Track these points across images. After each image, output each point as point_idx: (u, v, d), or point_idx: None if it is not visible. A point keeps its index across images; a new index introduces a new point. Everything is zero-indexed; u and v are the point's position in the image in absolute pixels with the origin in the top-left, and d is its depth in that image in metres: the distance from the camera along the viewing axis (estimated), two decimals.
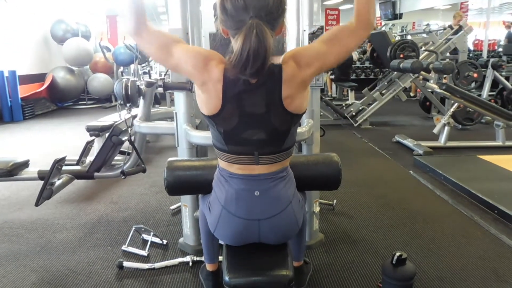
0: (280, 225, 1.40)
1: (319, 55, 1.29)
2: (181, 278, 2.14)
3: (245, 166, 1.35)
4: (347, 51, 1.34)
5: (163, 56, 1.30)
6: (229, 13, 1.21)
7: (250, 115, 1.28)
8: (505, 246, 2.46)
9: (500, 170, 3.75)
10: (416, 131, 5.69)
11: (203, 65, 1.25)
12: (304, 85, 1.30)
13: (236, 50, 1.17)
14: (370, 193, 3.34)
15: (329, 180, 1.62)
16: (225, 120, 1.29)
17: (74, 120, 7.27)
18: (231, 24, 1.23)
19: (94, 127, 4.13)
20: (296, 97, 1.28)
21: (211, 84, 1.25)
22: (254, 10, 1.17)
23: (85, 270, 2.23)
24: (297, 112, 1.31)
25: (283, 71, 1.25)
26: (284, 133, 1.33)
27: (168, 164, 1.62)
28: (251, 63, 1.15)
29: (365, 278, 2.13)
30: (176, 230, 2.65)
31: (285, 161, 1.39)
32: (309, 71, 1.28)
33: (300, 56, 1.28)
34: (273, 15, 1.21)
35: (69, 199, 3.23)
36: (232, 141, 1.33)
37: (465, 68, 5.51)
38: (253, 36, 1.14)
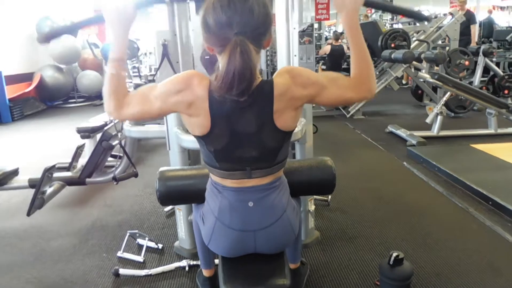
0: (276, 235, 1.38)
1: (317, 84, 1.25)
2: (179, 284, 2.13)
3: (237, 180, 1.32)
4: (343, 99, 1.31)
5: (147, 108, 1.24)
6: (211, 30, 1.15)
7: (240, 134, 1.24)
8: (500, 238, 2.47)
9: (493, 159, 3.76)
10: (409, 120, 5.69)
11: (185, 86, 1.20)
12: (294, 104, 1.24)
13: (221, 70, 1.12)
14: (364, 186, 3.34)
15: (324, 185, 1.61)
16: (215, 140, 1.26)
17: (65, 120, 7.18)
18: (215, 42, 1.17)
19: (85, 128, 4.07)
20: (287, 116, 1.24)
21: (198, 103, 1.20)
22: (238, 26, 1.11)
23: (81, 280, 2.20)
24: (288, 129, 1.27)
25: (274, 85, 1.20)
26: (276, 149, 1.30)
27: (160, 174, 1.59)
28: (236, 84, 1.10)
29: (362, 277, 2.13)
30: (171, 233, 2.63)
31: (278, 172, 1.37)
32: (303, 93, 1.23)
33: (297, 73, 1.24)
34: (259, 30, 1.15)
35: (62, 204, 3.19)
36: (223, 159, 1.30)
37: (457, 56, 5.51)
38: (238, 56, 1.08)
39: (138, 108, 1.25)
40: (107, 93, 1.25)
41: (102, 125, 4.15)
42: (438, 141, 4.59)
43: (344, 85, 1.27)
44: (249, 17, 1.12)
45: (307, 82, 1.23)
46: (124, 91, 1.26)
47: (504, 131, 4.81)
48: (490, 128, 4.81)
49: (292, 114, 1.25)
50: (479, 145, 4.18)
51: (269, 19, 1.18)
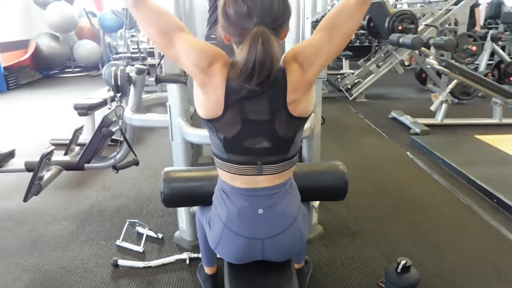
0: (285, 243, 1.33)
1: (321, 50, 1.20)
2: (179, 278, 2.09)
3: (247, 179, 1.26)
4: (348, 36, 1.24)
5: (163, 43, 1.18)
6: (231, 20, 1.12)
7: (253, 122, 1.19)
8: (504, 239, 2.44)
9: (497, 152, 3.71)
10: (412, 105, 5.61)
11: (206, 67, 1.15)
12: (310, 86, 1.22)
13: (241, 60, 1.08)
14: (367, 177, 3.29)
15: (335, 191, 1.54)
16: (225, 126, 1.20)
17: (61, 90, 7.05)
18: (234, 32, 1.14)
19: (82, 105, 4.00)
20: (301, 101, 1.20)
21: (211, 88, 1.16)
22: (258, 17, 1.09)
23: (79, 269, 2.17)
24: (303, 115, 1.23)
25: (287, 76, 1.16)
26: (289, 140, 1.25)
27: (165, 175, 1.52)
28: (256, 74, 1.08)
29: (365, 276, 2.10)
30: (171, 222, 2.59)
31: (289, 171, 1.31)
32: (313, 71, 1.19)
33: (302, 57, 1.18)
34: (279, 21, 1.13)
35: (59, 186, 3.13)
36: (233, 150, 1.24)
37: (464, 41, 5.36)
38: (259, 46, 1.06)
39: (153, 31, 1.18)
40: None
41: (100, 102, 4.07)
42: (442, 130, 4.52)
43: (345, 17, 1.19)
44: (270, 7, 1.10)
45: (313, 58, 1.19)
46: None
47: (509, 121, 4.74)
48: (495, 118, 4.74)
49: (306, 99, 1.22)
50: (483, 136, 4.12)
51: (288, 9, 1.16)
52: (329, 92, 6.24)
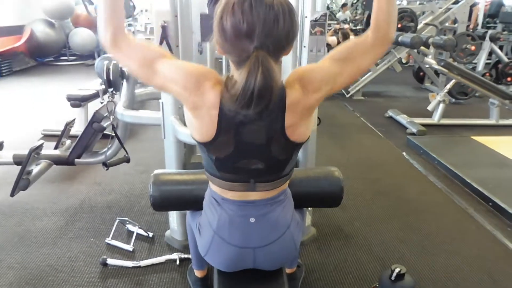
0: (277, 253, 1.29)
1: (330, 78, 1.11)
2: (169, 278, 2.05)
3: (240, 194, 1.21)
4: (360, 72, 1.18)
5: (146, 73, 1.09)
6: (228, 38, 1.00)
7: (247, 145, 1.12)
8: (499, 244, 2.42)
9: (493, 154, 3.69)
10: (409, 104, 5.57)
11: (195, 87, 1.05)
12: (310, 112, 1.13)
13: (237, 87, 0.98)
14: (362, 177, 3.25)
15: (330, 198, 1.50)
16: (218, 148, 1.13)
17: (56, 79, 6.96)
18: (231, 51, 1.03)
19: (75, 96, 3.93)
20: (300, 125, 1.12)
21: (204, 109, 1.07)
22: (259, 39, 0.97)
23: (66, 267, 2.12)
24: (301, 141, 1.15)
25: (286, 96, 1.07)
26: (284, 162, 1.19)
27: (154, 178, 1.47)
28: (254, 103, 0.98)
29: (359, 281, 2.06)
30: (163, 220, 2.54)
31: (284, 185, 1.26)
32: (317, 97, 1.11)
33: (308, 80, 1.10)
34: (282, 43, 1.01)
35: (49, 179, 3.06)
36: (224, 169, 1.18)
37: (463, 40, 5.32)
38: (259, 75, 0.95)
39: (135, 66, 1.09)
40: (102, 21, 1.06)
41: (93, 94, 4.00)
42: (438, 130, 4.49)
43: (361, 52, 1.13)
44: (273, 27, 0.98)
45: (319, 84, 1.10)
46: (121, 24, 1.08)
47: (505, 122, 4.73)
48: (492, 119, 4.72)
49: (305, 123, 1.14)
50: (480, 137, 4.09)
51: (294, 28, 1.04)
52: None
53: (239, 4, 0.97)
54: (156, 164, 3.24)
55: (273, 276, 1.35)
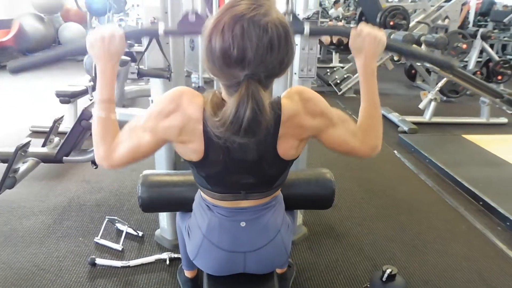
0: (268, 257, 1.27)
1: (327, 118, 1.09)
2: (158, 279, 2.03)
3: (231, 203, 1.19)
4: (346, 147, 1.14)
5: (137, 146, 1.07)
6: (217, 64, 0.92)
7: (238, 161, 1.09)
8: (489, 243, 2.43)
9: (484, 153, 3.70)
10: (400, 102, 5.57)
11: (175, 107, 1.01)
12: (300, 134, 1.08)
13: (227, 114, 0.90)
14: (353, 176, 3.25)
15: (321, 200, 1.48)
16: (207, 167, 1.11)
17: (45, 74, 6.84)
18: (219, 76, 0.97)
19: (64, 92, 3.86)
20: (290, 141, 1.08)
21: (191, 125, 1.02)
22: (250, 66, 0.89)
23: (54, 267, 2.08)
24: (292, 158, 1.13)
25: (282, 108, 1.03)
26: (276, 177, 1.17)
27: (143, 179, 1.44)
28: (241, 135, 0.92)
29: (350, 281, 2.06)
30: (153, 219, 2.50)
31: (276, 193, 1.25)
32: (311, 123, 1.06)
33: (309, 98, 1.06)
34: (275, 71, 0.94)
35: (37, 176, 3.01)
36: (215, 183, 1.16)
37: (455, 39, 5.33)
38: (248, 109, 0.88)
39: (126, 147, 1.07)
40: (96, 139, 1.08)
41: (83, 90, 3.93)
42: (429, 128, 4.51)
43: (352, 130, 1.13)
44: (267, 54, 0.89)
45: (317, 110, 1.07)
46: (114, 135, 1.09)
47: (496, 120, 4.76)
48: (482, 117, 4.74)
49: (296, 144, 1.10)
50: (471, 136, 4.11)
51: (290, 56, 0.95)
52: (318, 86, 6.17)
53: (230, 26, 0.88)
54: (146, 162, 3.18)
55: (264, 280, 1.33)
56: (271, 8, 0.91)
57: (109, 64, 1.11)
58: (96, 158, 1.10)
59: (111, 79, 1.12)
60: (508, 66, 5.74)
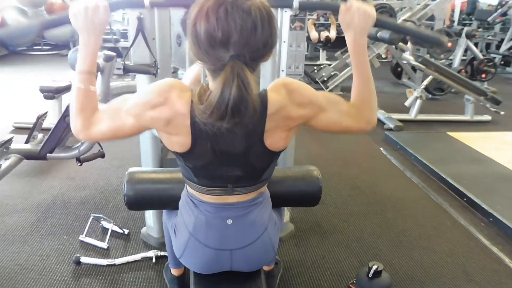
0: (255, 254, 1.27)
1: (316, 105, 1.09)
2: (144, 277, 2.01)
3: (217, 197, 1.19)
4: (341, 127, 1.15)
5: (119, 128, 1.07)
6: (202, 46, 0.94)
7: (225, 154, 1.09)
8: (473, 239, 2.46)
9: (469, 150, 3.75)
10: (387, 99, 5.61)
11: (163, 100, 1.01)
12: (288, 125, 1.09)
13: (212, 98, 0.92)
14: (340, 173, 3.26)
15: (308, 198, 1.48)
16: (194, 158, 1.10)
17: (29, 69, 6.75)
18: (204, 59, 0.98)
19: (48, 88, 3.79)
20: (279, 137, 1.09)
21: (178, 120, 1.02)
22: (235, 47, 0.92)
23: (37, 266, 2.05)
24: (279, 150, 1.13)
25: (268, 101, 1.03)
26: (263, 169, 1.17)
27: (129, 176, 1.42)
28: (228, 118, 0.93)
29: (336, 277, 2.07)
30: (138, 216, 2.48)
31: (262, 188, 1.24)
32: (299, 112, 1.07)
33: (295, 89, 1.06)
34: (259, 52, 0.96)
35: (21, 173, 2.96)
36: (202, 176, 1.15)
37: None
38: (234, 89, 0.90)
39: (108, 126, 1.07)
40: (74, 111, 1.07)
41: (67, 86, 3.87)
42: (415, 125, 4.55)
43: (344, 111, 1.13)
44: (251, 35, 0.92)
45: (305, 100, 1.07)
46: (94, 108, 1.08)
47: (480, 118, 4.82)
48: (467, 115, 4.80)
49: (284, 135, 1.10)
50: (455, 133, 4.16)
51: (273, 38, 0.98)
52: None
53: (214, 9, 0.90)
54: (133, 159, 3.17)
55: (251, 277, 1.33)
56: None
57: (93, 36, 1.09)
58: (73, 129, 1.09)
59: (93, 51, 1.11)
60: (492, 65, 5.84)
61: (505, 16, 8.71)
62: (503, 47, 8.50)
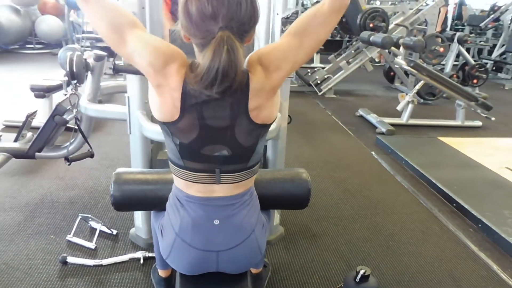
0: (241, 256, 1.26)
1: (290, 55, 1.12)
2: (131, 278, 2.00)
3: (204, 187, 1.18)
4: (319, 44, 1.17)
5: (114, 40, 1.09)
6: (193, 20, 1.03)
7: (212, 128, 1.11)
8: (461, 244, 2.47)
9: (459, 155, 3.78)
10: (379, 103, 5.64)
11: (161, 67, 1.06)
12: (274, 92, 1.14)
13: (202, 66, 1.00)
14: (331, 176, 3.27)
15: (297, 200, 1.48)
16: (182, 131, 1.12)
17: (21, 67, 6.70)
18: (196, 33, 1.05)
19: (39, 87, 3.77)
20: (265, 107, 1.13)
21: (167, 90, 1.07)
22: (224, 20, 1.01)
23: (23, 265, 2.03)
24: (266, 122, 1.16)
25: (250, 80, 1.08)
26: (250, 149, 1.17)
27: (116, 177, 1.41)
28: (218, 82, 1.00)
29: (325, 281, 2.06)
30: (127, 217, 2.47)
31: (249, 180, 1.24)
32: (278, 76, 1.12)
33: (268, 60, 1.11)
34: (245, 26, 1.05)
35: (9, 172, 2.93)
36: (189, 156, 1.16)
37: (432, 42, 5.42)
38: (224, 54, 0.98)
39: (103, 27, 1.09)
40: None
41: (58, 85, 3.85)
42: (407, 130, 4.57)
43: (318, 23, 1.12)
44: (237, 10, 1.01)
45: (280, 62, 1.12)
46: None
47: (470, 123, 4.86)
48: (458, 120, 4.83)
49: (270, 105, 1.14)
50: (446, 138, 4.19)
51: (256, 14, 1.08)
52: (299, 86, 6.19)
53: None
54: (123, 159, 3.16)
55: (237, 279, 1.32)
56: None
57: None
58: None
59: None
60: (483, 70, 5.88)
61: (498, 21, 8.80)
62: (495, 53, 8.59)
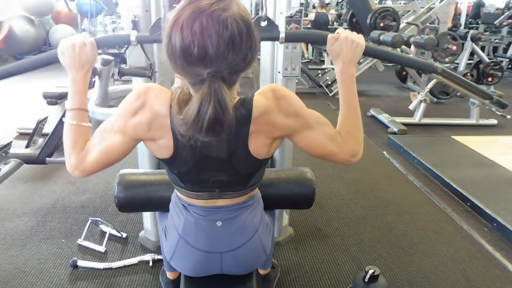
0: (245, 257, 1.25)
1: (302, 119, 1.05)
2: (141, 280, 2.00)
3: (206, 202, 1.17)
4: (324, 151, 1.10)
5: (109, 149, 1.04)
6: (179, 63, 0.90)
7: (209, 158, 1.06)
8: (475, 244, 2.41)
9: (473, 154, 3.70)
10: (391, 103, 5.59)
11: (142, 103, 0.99)
12: (272, 132, 1.05)
13: (190, 112, 0.89)
14: (342, 177, 3.24)
15: (301, 200, 1.46)
16: (178, 165, 1.09)
17: (35, 76, 6.75)
18: (183, 74, 0.94)
19: (52, 94, 3.80)
20: (261, 138, 1.05)
21: (158, 120, 1.00)
22: (213, 64, 0.88)
23: (35, 270, 2.05)
24: (264, 157, 1.10)
25: (253, 105, 1.00)
26: (249, 175, 1.14)
27: (119, 178, 1.42)
28: (204, 133, 0.90)
29: (334, 282, 2.04)
30: (137, 220, 2.48)
31: (253, 191, 1.22)
32: (284, 122, 1.03)
33: (283, 96, 1.03)
34: (238, 67, 0.92)
35: (22, 178, 2.98)
36: (188, 181, 1.13)
37: (445, 40, 5.35)
38: (210, 109, 0.86)
39: (99, 150, 1.04)
40: (67, 147, 1.06)
41: None
42: (419, 129, 4.51)
43: (330, 134, 1.09)
44: (229, 50, 0.87)
45: (291, 110, 1.04)
46: (86, 141, 1.07)
47: (485, 122, 4.78)
48: (472, 118, 4.75)
49: (267, 142, 1.06)
50: (460, 137, 4.12)
51: (253, 51, 0.93)
52: (309, 88, 6.17)
53: (189, 23, 0.86)
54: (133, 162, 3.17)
55: (242, 281, 1.31)
56: (232, 1, 0.89)
57: (80, 72, 1.10)
58: (68, 167, 1.06)
59: (82, 88, 1.11)
60: (498, 68, 5.77)
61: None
62: (510, 51, 8.43)
